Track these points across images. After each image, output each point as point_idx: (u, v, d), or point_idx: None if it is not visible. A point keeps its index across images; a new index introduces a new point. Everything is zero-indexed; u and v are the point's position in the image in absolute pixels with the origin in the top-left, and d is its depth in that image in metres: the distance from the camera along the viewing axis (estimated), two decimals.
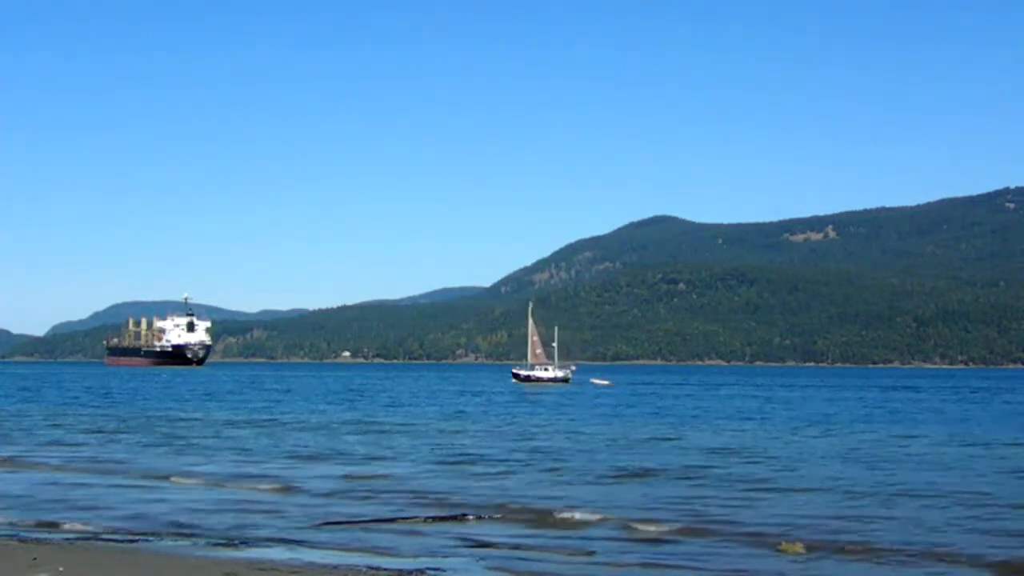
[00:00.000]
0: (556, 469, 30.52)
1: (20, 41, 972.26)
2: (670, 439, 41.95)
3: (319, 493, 25.30)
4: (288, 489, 26.00)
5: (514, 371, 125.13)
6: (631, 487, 26.61)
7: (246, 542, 18.55)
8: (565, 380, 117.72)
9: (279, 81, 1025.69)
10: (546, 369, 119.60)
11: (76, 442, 39.93)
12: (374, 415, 59.37)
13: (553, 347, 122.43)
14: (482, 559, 17.26)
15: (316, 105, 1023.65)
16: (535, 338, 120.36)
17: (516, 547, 18.28)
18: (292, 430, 46.96)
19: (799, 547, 18.20)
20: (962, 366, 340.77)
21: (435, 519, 21.13)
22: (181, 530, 19.73)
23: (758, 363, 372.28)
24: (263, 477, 28.37)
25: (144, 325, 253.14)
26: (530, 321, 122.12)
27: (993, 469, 31.50)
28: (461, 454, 35.00)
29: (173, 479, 28.06)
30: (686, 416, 59.71)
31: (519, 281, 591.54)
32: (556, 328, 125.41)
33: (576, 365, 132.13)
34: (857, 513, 22.20)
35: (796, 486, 26.62)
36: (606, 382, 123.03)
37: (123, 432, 45.25)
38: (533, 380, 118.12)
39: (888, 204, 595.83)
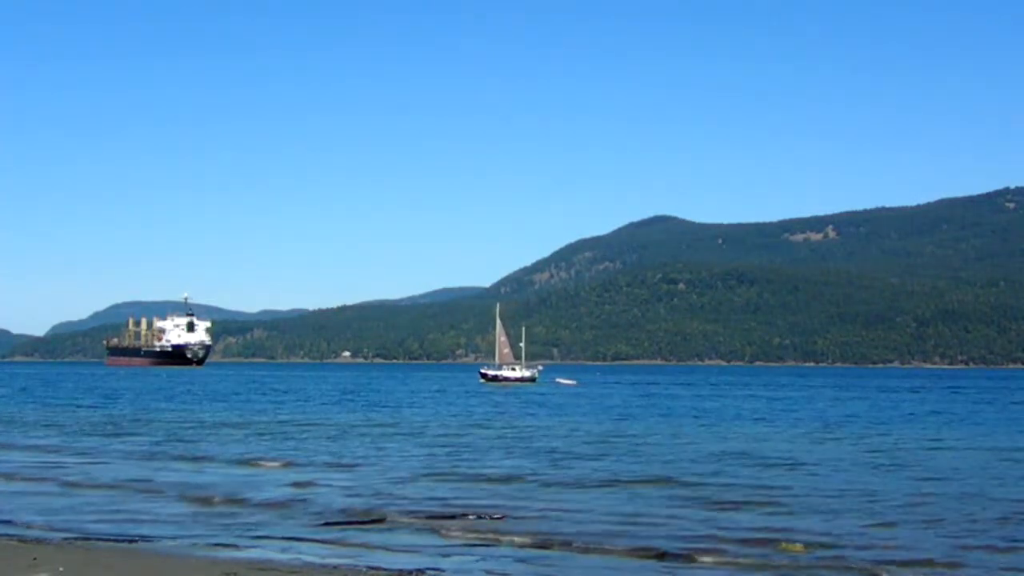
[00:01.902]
0: (551, 475, 30.46)
1: (20, 41, 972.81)
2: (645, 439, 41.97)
3: (255, 504, 23.64)
4: (205, 500, 24.17)
5: (481, 371, 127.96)
6: (628, 493, 26.56)
7: (246, 542, 18.57)
8: (532, 380, 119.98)
9: (279, 81, 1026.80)
10: (513, 369, 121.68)
11: (40, 446, 38.51)
12: (360, 417, 58.14)
13: (521, 347, 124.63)
14: (482, 559, 17.28)
15: (316, 105, 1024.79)
16: (503, 339, 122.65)
17: (515, 549, 18.29)
18: (257, 434, 44.75)
19: (799, 547, 18.20)
20: (962, 366, 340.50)
21: (435, 519, 21.14)
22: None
23: (758, 363, 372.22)
24: (209, 486, 26.49)
25: (144, 325, 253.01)
26: (498, 323, 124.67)
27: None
28: (443, 462, 32.80)
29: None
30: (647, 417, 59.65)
31: (519, 281, 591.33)
32: (524, 329, 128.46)
33: (543, 365, 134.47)
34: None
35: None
36: (571, 382, 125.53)
37: (94, 435, 43.70)
38: (500, 380, 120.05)
39: (888, 204, 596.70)
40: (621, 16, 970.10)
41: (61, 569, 15.34)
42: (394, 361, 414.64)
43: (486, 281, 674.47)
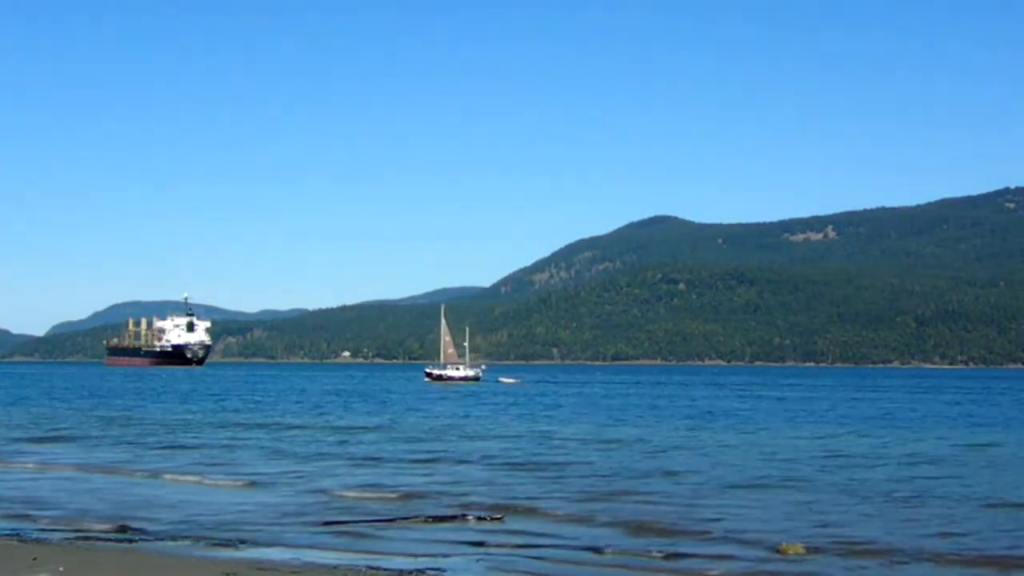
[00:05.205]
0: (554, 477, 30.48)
1: (20, 41, 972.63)
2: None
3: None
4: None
5: (427, 370, 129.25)
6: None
7: (246, 542, 18.54)
8: (476, 379, 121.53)
9: (279, 81, 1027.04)
10: (457, 368, 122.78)
11: None
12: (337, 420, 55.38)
13: (464, 347, 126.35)
14: (482, 559, 17.26)
15: (316, 105, 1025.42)
16: (447, 338, 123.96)
17: (516, 546, 18.27)
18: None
19: (799, 547, 18.18)
20: (962, 366, 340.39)
21: (435, 519, 21.10)
22: None
23: (758, 363, 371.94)
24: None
25: (144, 325, 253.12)
26: (443, 323, 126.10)
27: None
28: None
29: None
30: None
31: (519, 281, 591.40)
32: (467, 328, 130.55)
33: (486, 364, 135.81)
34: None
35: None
36: (513, 380, 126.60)
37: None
38: (445, 379, 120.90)
39: (888, 204, 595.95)
40: (621, 14, 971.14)
41: (61, 569, 15.31)
42: (394, 361, 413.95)
43: (486, 281, 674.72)
